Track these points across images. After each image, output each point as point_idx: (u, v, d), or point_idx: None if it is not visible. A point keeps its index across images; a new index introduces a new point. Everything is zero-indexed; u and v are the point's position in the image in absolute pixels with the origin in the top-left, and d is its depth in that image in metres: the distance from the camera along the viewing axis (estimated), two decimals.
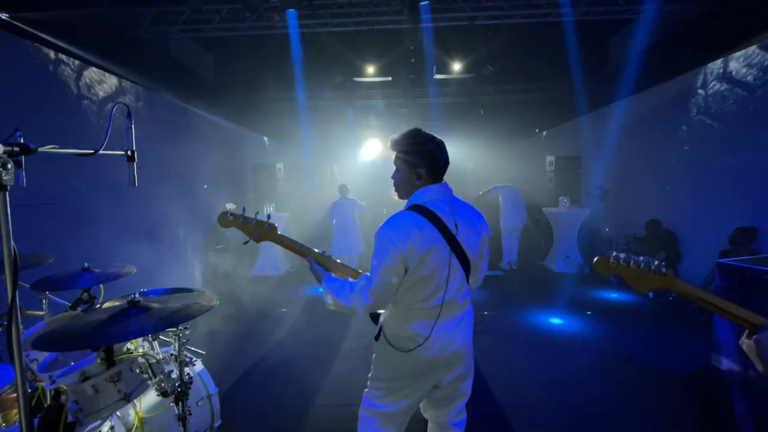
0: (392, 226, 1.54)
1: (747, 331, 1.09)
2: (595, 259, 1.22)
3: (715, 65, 5.42)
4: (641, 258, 1.18)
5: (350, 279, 1.66)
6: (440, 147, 1.67)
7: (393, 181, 1.73)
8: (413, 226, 1.53)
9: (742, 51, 4.98)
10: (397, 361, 1.64)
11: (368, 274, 1.59)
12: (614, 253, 1.20)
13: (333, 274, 1.72)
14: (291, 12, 5.34)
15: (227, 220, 1.77)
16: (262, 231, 1.74)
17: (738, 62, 5.06)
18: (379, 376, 1.73)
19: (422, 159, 1.63)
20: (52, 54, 3.96)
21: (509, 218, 7.60)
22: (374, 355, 1.76)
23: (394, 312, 1.66)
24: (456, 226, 1.59)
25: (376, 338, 1.71)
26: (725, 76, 5.26)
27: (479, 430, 2.70)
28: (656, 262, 1.16)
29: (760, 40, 4.70)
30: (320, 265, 1.74)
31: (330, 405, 3.03)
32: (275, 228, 1.77)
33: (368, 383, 1.78)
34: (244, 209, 1.81)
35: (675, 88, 6.20)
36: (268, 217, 1.78)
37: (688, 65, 5.78)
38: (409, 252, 1.51)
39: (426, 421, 1.89)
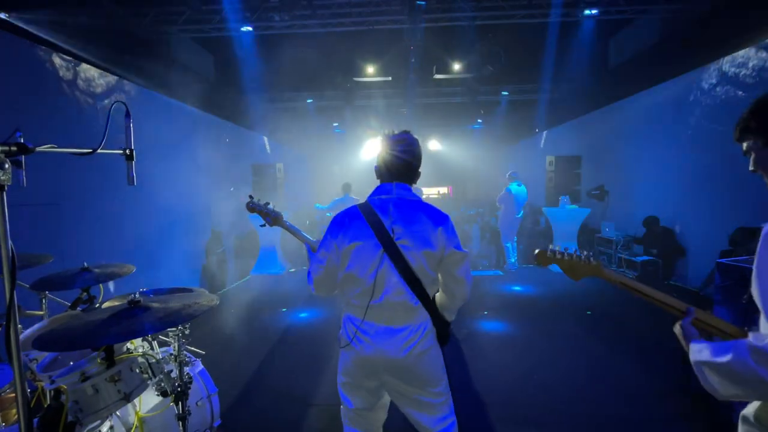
0: (335, 217, 1.68)
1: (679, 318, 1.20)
2: (536, 251, 1.37)
3: (715, 65, 5.42)
4: (573, 249, 1.32)
5: None
6: (394, 147, 1.65)
7: None
8: (347, 218, 1.63)
9: (742, 51, 4.98)
10: (343, 356, 1.69)
11: None
12: (551, 246, 1.35)
13: None
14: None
15: (251, 206, 2.14)
16: (272, 217, 2.13)
17: (738, 62, 5.06)
18: (338, 368, 1.76)
19: (380, 156, 1.70)
20: (51, 54, 3.95)
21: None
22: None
23: (343, 303, 1.71)
24: (393, 229, 1.56)
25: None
26: (725, 76, 5.26)
27: (480, 430, 2.70)
28: (586, 253, 1.31)
29: (759, 41, 4.70)
30: (313, 250, 1.91)
31: (330, 405, 3.03)
32: (281, 216, 2.14)
33: None
34: (268, 202, 2.20)
35: (675, 88, 6.20)
36: (266, 204, 2.18)
37: (688, 65, 5.78)
38: (339, 241, 1.60)
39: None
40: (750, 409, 1.06)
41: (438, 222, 1.59)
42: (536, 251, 1.36)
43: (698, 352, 1.05)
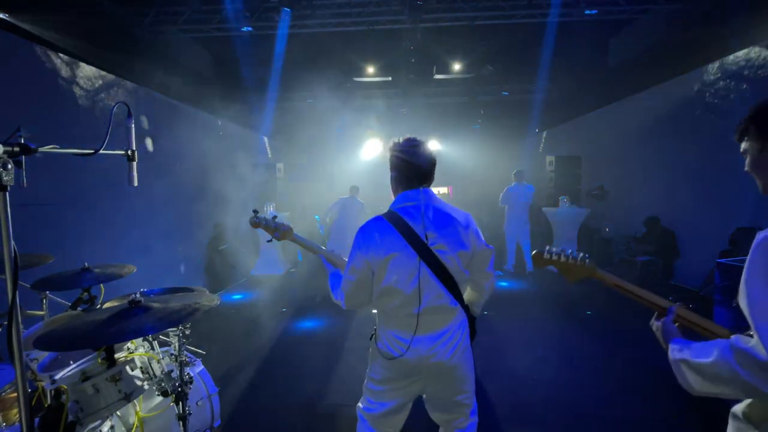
0: (361, 230, 1.62)
1: (656, 313, 1.25)
2: (533, 252, 1.41)
3: (716, 65, 5.42)
4: (569, 251, 1.34)
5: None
6: (412, 153, 1.64)
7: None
8: (375, 231, 1.58)
9: (743, 51, 4.98)
10: (382, 365, 1.67)
11: None
12: (547, 248, 1.37)
13: (341, 271, 1.80)
14: (286, 11, 5.33)
15: (255, 222, 1.98)
16: (281, 231, 1.99)
17: (738, 62, 5.06)
18: (370, 375, 1.75)
19: (394, 166, 1.69)
20: (51, 54, 3.95)
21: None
22: (369, 353, 1.79)
23: (380, 317, 1.69)
24: (427, 236, 1.55)
25: (371, 338, 1.75)
26: (725, 76, 5.26)
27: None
28: (581, 255, 1.34)
29: (760, 41, 4.70)
30: (329, 262, 1.89)
31: (329, 405, 3.03)
32: (291, 230, 2.01)
33: (365, 380, 1.80)
34: (275, 216, 2.07)
35: (675, 87, 6.20)
36: (274, 217, 2.02)
37: (688, 65, 5.79)
38: (371, 257, 1.56)
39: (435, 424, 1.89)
40: (739, 406, 1.08)
41: (467, 223, 1.64)
42: (533, 252, 1.40)
43: (678, 351, 1.09)
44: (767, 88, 4.59)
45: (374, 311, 1.76)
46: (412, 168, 1.64)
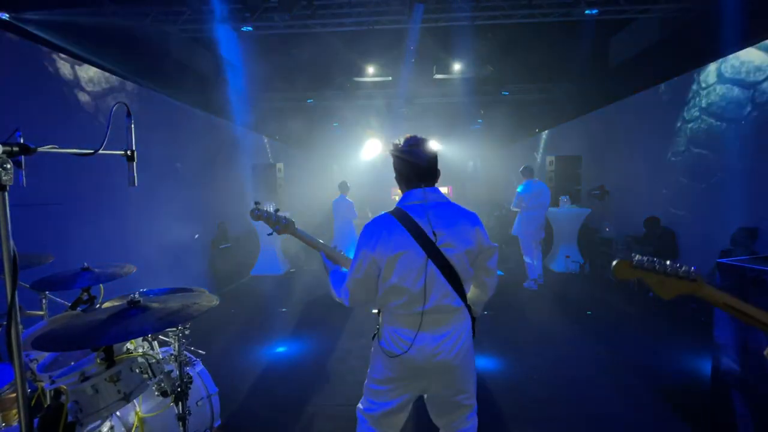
0: (367, 227, 1.62)
1: None
2: (614, 262, 1.13)
3: (715, 65, 5.42)
4: (667, 262, 1.09)
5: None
6: (410, 153, 1.64)
7: None
8: (383, 229, 1.58)
9: (743, 51, 4.98)
10: (386, 364, 1.66)
11: None
12: (637, 257, 1.10)
13: (342, 268, 1.81)
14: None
15: (256, 214, 1.98)
16: (282, 225, 1.97)
17: (738, 62, 5.05)
18: (372, 375, 1.74)
19: (395, 167, 1.70)
20: (52, 54, 3.95)
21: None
22: (371, 353, 1.78)
23: (384, 315, 1.68)
24: (435, 234, 1.54)
25: (373, 337, 1.74)
26: (725, 76, 5.26)
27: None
28: (684, 267, 1.07)
29: (759, 40, 4.70)
30: (330, 259, 1.87)
31: (329, 405, 3.03)
32: (293, 223, 2.00)
33: (366, 380, 1.80)
34: (277, 209, 2.07)
35: (675, 87, 6.20)
36: (276, 210, 2.02)
37: (688, 65, 5.79)
38: (378, 254, 1.55)
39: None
40: None
41: (473, 221, 1.64)
42: (615, 262, 1.13)
43: None
44: (766, 88, 4.60)
45: (374, 311, 1.75)
46: (411, 168, 1.64)
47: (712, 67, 5.49)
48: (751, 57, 4.88)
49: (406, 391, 1.68)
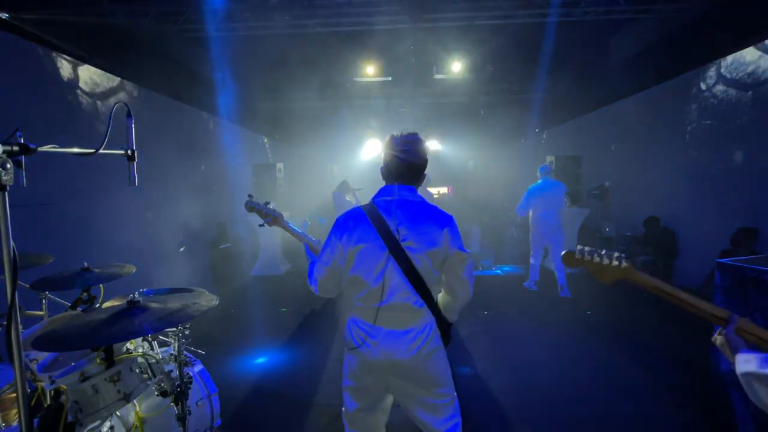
0: (338, 219, 1.67)
1: (720, 327, 1.12)
2: (562, 252, 1.31)
3: (715, 65, 5.42)
4: (603, 251, 1.23)
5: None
6: (397, 148, 1.63)
7: None
8: (351, 220, 1.62)
9: (743, 51, 4.98)
10: (349, 359, 1.68)
11: None
12: (579, 247, 1.27)
13: None
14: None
15: (249, 205, 2.10)
16: (272, 217, 2.09)
17: (738, 62, 5.06)
18: (342, 371, 1.75)
19: (383, 160, 1.71)
20: (52, 54, 3.95)
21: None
22: None
23: (348, 306, 1.71)
24: (398, 231, 1.54)
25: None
26: (725, 76, 5.26)
27: (480, 430, 2.70)
28: (616, 255, 1.21)
29: (759, 40, 4.70)
30: (312, 251, 1.93)
31: (329, 405, 3.03)
32: (282, 216, 2.11)
33: None
34: (268, 202, 2.18)
35: (675, 87, 6.20)
36: (267, 203, 2.14)
37: (688, 65, 5.79)
38: (343, 243, 1.59)
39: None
40: None
41: (443, 223, 1.59)
42: (563, 252, 1.31)
43: (746, 362, 1.00)
44: (766, 88, 4.60)
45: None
46: (390, 164, 1.67)
47: (711, 67, 5.49)
48: (751, 56, 4.88)
49: (370, 389, 1.68)
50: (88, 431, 1.61)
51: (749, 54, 4.90)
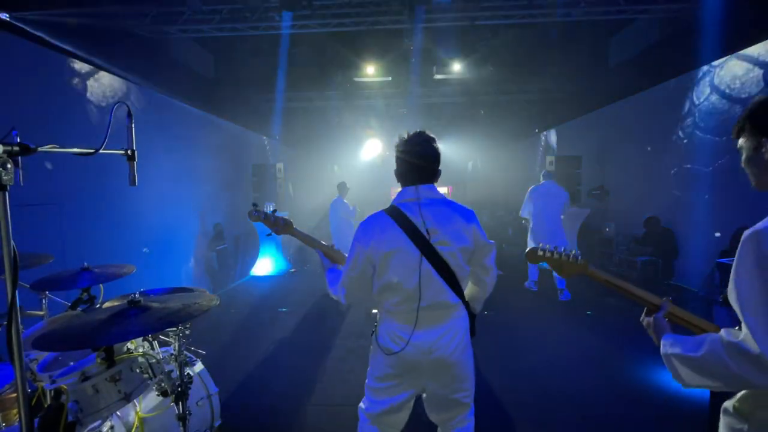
0: (362, 225, 1.64)
1: (645, 309, 1.31)
2: (526, 250, 1.45)
3: (716, 63, 5.42)
4: (562, 248, 1.38)
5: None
6: (410, 150, 1.63)
7: None
8: (377, 226, 1.59)
9: (742, 51, 4.98)
10: (384, 361, 1.66)
11: None
12: (541, 244, 1.42)
13: (339, 267, 1.82)
14: (287, 14, 5.34)
15: (254, 215, 1.98)
16: (280, 225, 1.98)
17: (738, 62, 5.06)
18: (371, 373, 1.74)
19: (396, 163, 1.69)
20: (52, 54, 3.95)
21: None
22: (370, 351, 1.78)
23: (381, 312, 1.69)
24: (428, 231, 1.54)
25: (372, 334, 1.75)
26: (725, 76, 5.26)
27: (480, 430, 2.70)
28: (573, 252, 1.38)
29: (759, 41, 4.70)
30: (327, 257, 1.88)
31: (330, 405, 3.03)
32: (291, 223, 2.00)
33: (366, 379, 1.80)
34: (274, 210, 2.08)
35: (675, 87, 6.20)
36: (273, 211, 2.03)
37: (688, 65, 5.79)
38: (372, 251, 1.56)
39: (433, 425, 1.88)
40: (730, 402, 1.13)
41: (469, 218, 1.64)
42: (527, 250, 1.44)
43: (670, 345, 1.12)
44: (765, 88, 4.60)
45: (374, 311, 1.76)
46: (408, 165, 1.64)
47: (711, 67, 5.49)
48: (750, 57, 4.87)
49: (405, 389, 1.67)
50: (89, 431, 1.61)
51: (749, 54, 4.89)
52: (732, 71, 5.14)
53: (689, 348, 1.06)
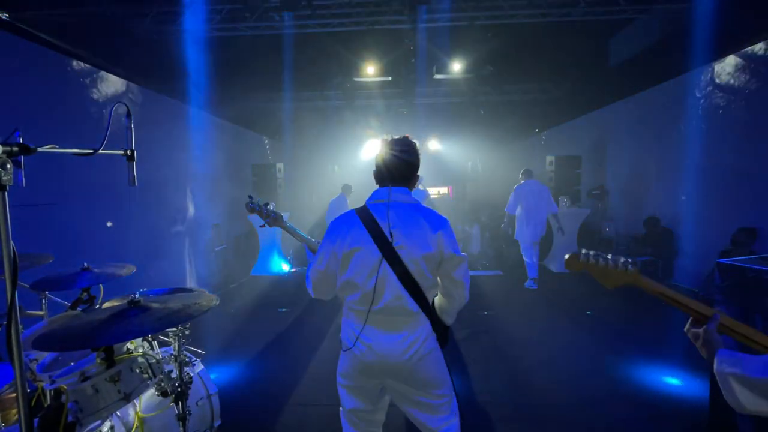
0: (332, 222, 1.68)
1: (691, 319, 1.12)
2: (566, 256, 1.23)
3: (715, 65, 5.42)
4: (609, 256, 1.19)
5: None
6: (389, 150, 1.64)
7: None
8: (345, 223, 1.63)
9: (742, 51, 4.98)
10: (344, 358, 1.69)
11: None
12: (583, 250, 1.22)
13: None
14: (287, 14, 5.35)
15: (250, 207, 2.11)
16: (272, 218, 2.10)
17: (738, 62, 5.06)
18: (338, 369, 1.76)
19: (375, 162, 1.71)
20: (52, 54, 3.95)
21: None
22: None
23: (344, 308, 1.71)
24: (392, 234, 1.53)
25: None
26: (725, 77, 5.26)
27: (479, 430, 2.70)
28: (622, 260, 1.17)
29: (759, 40, 4.70)
30: (312, 252, 1.95)
31: (329, 405, 3.03)
32: (281, 217, 2.13)
33: None
34: (267, 203, 2.19)
35: (675, 87, 6.20)
36: (266, 204, 2.17)
37: (688, 65, 5.78)
38: (336, 248, 1.60)
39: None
40: None
41: (437, 226, 1.57)
42: (566, 256, 1.24)
43: (728, 364, 0.97)
44: (765, 88, 4.60)
45: None
46: (383, 166, 1.67)
47: (712, 67, 5.49)
48: (750, 57, 4.88)
49: (365, 389, 1.69)
50: (88, 431, 1.61)
51: (749, 54, 4.90)
52: (732, 71, 5.14)
53: (755, 369, 0.91)
